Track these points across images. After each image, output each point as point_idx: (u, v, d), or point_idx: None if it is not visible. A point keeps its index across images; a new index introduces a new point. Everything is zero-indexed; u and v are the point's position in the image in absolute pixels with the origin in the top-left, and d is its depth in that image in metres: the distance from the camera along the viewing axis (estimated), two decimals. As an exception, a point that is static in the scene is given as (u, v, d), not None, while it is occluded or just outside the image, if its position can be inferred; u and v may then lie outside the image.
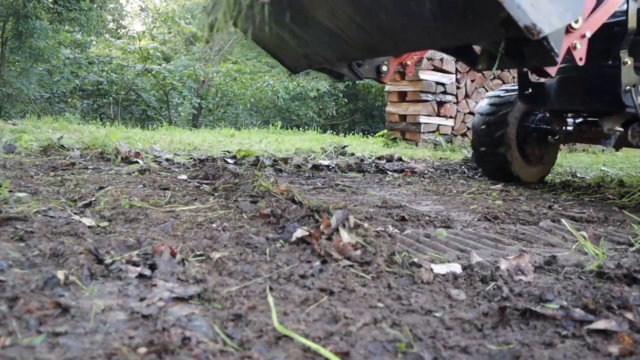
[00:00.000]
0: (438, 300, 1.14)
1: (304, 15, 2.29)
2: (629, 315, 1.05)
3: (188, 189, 2.46)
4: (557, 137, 3.44)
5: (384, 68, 2.92)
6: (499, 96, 3.55)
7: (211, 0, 2.46)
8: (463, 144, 7.54)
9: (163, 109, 15.29)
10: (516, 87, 3.33)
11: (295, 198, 2.04)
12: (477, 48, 2.32)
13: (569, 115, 3.38)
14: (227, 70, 15.28)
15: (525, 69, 3.07)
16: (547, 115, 3.48)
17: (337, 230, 1.48)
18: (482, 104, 3.64)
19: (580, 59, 1.97)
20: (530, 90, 3.17)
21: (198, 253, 1.37)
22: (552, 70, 2.09)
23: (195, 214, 1.91)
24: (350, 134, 10.47)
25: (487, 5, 1.63)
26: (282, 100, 15.56)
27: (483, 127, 3.51)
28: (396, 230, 1.81)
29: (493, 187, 3.28)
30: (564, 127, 3.38)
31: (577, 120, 3.35)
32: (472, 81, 7.62)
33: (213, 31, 2.44)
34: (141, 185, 2.50)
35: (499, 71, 7.59)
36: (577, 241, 1.74)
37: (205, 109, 16.04)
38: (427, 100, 7.16)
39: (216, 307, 1.04)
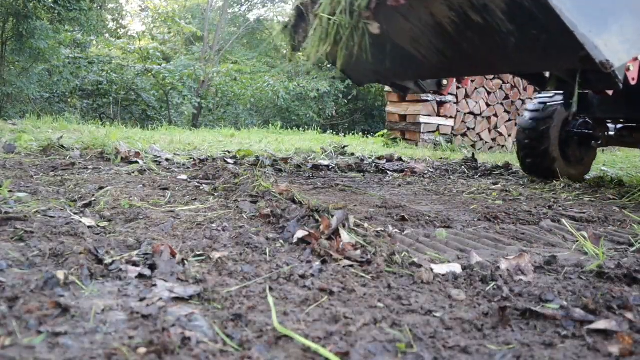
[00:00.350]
0: (438, 300, 1.14)
1: (386, 40, 2.49)
2: (629, 315, 1.05)
3: (188, 189, 2.46)
4: (599, 142, 3.70)
5: (445, 82, 3.30)
6: (548, 97, 3.83)
7: (293, 19, 2.69)
8: (463, 143, 7.54)
9: (163, 109, 15.29)
10: (561, 93, 3.58)
11: (295, 198, 2.04)
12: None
13: (610, 120, 3.66)
14: (228, 71, 15.27)
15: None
16: (589, 120, 3.74)
17: (337, 230, 1.48)
18: (532, 105, 3.90)
19: (633, 79, 2.20)
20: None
21: (198, 253, 1.37)
22: (611, 91, 2.44)
23: (195, 214, 1.91)
24: (350, 134, 10.47)
25: (569, 45, 1.90)
26: (283, 101, 15.56)
27: (530, 121, 3.77)
28: (396, 230, 1.81)
29: (493, 187, 3.28)
30: (605, 132, 3.65)
31: (618, 126, 3.62)
32: (472, 81, 7.62)
33: (295, 51, 2.79)
34: (141, 185, 2.50)
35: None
36: (577, 241, 1.74)
37: (205, 109, 16.04)
38: (427, 100, 7.16)
39: (216, 307, 1.04)
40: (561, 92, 3.59)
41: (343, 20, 2.25)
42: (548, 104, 3.75)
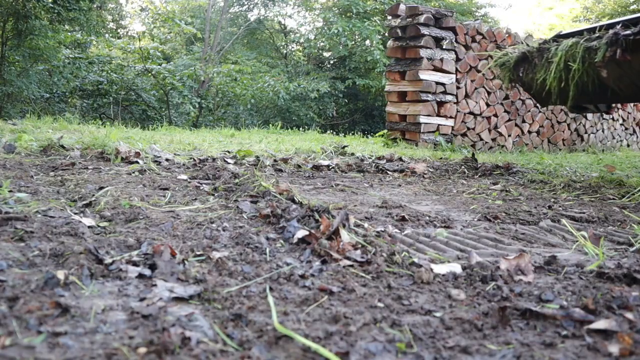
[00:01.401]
0: (438, 300, 1.14)
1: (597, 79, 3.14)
2: (629, 315, 1.05)
3: (188, 189, 2.46)
4: None
5: (613, 105, 3.98)
6: None
7: (513, 60, 3.55)
8: (463, 144, 7.54)
9: (163, 109, 15.28)
10: None
11: (295, 198, 2.04)
12: None
13: None
14: (229, 71, 15.27)
15: None
16: None
17: (337, 230, 1.48)
18: None
19: None
20: None
21: (198, 253, 1.37)
22: None
23: (195, 214, 1.91)
24: (350, 134, 10.46)
25: None
26: (283, 101, 15.54)
27: None
28: (396, 230, 1.81)
29: (493, 187, 3.28)
30: None
31: None
32: (472, 81, 7.62)
33: (511, 83, 3.75)
34: (141, 185, 2.50)
35: (498, 71, 7.62)
36: (577, 241, 1.74)
37: (205, 109, 16.04)
38: (427, 100, 7.16)
39: (216, 307, 1.04)
40: None
41: (579, 67, 3.06)
42: None
